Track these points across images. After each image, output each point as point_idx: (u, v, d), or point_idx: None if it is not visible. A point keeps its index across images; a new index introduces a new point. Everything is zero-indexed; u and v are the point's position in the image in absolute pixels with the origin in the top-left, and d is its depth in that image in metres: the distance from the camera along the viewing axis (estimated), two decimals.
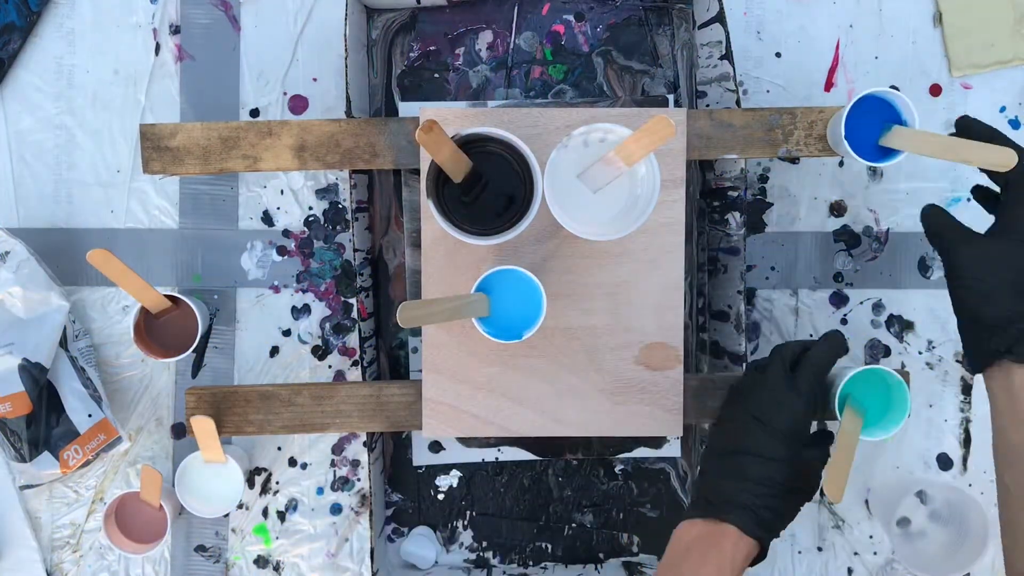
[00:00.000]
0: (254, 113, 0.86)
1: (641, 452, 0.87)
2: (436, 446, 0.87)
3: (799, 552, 0.87)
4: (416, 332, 0.84)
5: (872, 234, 0.87)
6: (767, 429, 0.65)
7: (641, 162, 0.68)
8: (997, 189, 0.71)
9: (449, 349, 0.77)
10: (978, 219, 0.86)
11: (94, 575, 0.86)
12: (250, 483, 0.86)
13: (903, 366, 0.86)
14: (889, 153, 0.75)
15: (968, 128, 0.69)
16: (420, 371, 0.79)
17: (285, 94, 0.86)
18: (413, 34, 0.87)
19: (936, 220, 0.69)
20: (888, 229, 0.86)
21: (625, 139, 0.67)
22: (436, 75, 0.87)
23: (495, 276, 0.71)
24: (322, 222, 0.86)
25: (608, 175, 0.69)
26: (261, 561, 0.86)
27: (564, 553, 0.88)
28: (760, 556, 0.65)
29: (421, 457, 0.87)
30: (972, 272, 0.65)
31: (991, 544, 0.83)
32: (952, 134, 0.70)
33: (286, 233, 0.86)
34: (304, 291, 0.86)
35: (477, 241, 0.69)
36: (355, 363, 0.87)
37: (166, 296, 0.78)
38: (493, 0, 0.87)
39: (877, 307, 0.87)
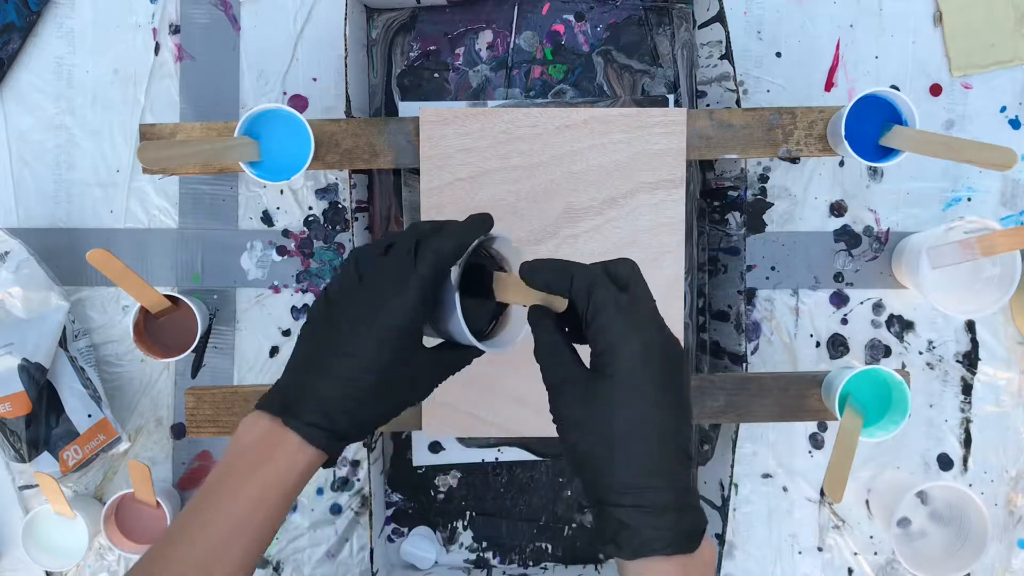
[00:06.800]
0: None
1: None
2: (436, 446, 0.87)
3: (799, 552, 0.87)
4: None
5: (872, 234, 0.86)
6: (364, 330, 0.53)
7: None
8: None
9: None
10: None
11: (94, 575, 0.86)
12: None
13: (903, 366, 0.86)
14: (889, 153, 0.75)
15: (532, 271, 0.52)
16: None
17: (285, 94, 0.86)
18: (413, 34, 0.87)
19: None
20: (888, 229, 0.86)
21: (994, 232, 0.74)
22: (436, 75, 0.87)
23: (262, 117, 0.74)
24: (322, 222, 0.86)
25: (957, 257, 0.75)
26: (261, 561, 0.86)
27: (564, 553, 0.88)
28: (328, 462, 0.54)
29: (421, 457, 0.87)
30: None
31: (991, 544, 0.83)
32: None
33: (286, 233, 0.86)
34: (304, 291, 0.86)
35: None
36: None
37: (166, 296, 0.78)
38: (493, 0, 0.87)
39: (877, 307, 0.87)
